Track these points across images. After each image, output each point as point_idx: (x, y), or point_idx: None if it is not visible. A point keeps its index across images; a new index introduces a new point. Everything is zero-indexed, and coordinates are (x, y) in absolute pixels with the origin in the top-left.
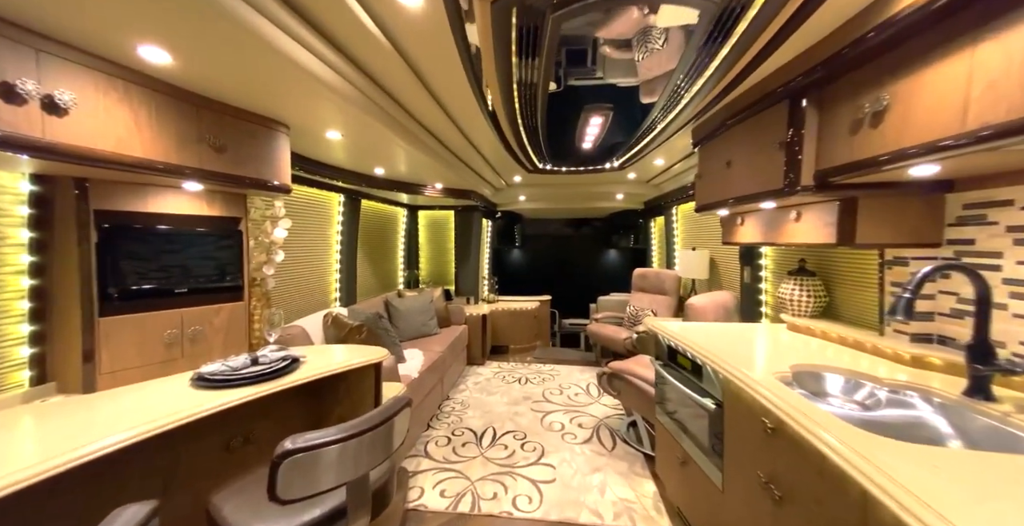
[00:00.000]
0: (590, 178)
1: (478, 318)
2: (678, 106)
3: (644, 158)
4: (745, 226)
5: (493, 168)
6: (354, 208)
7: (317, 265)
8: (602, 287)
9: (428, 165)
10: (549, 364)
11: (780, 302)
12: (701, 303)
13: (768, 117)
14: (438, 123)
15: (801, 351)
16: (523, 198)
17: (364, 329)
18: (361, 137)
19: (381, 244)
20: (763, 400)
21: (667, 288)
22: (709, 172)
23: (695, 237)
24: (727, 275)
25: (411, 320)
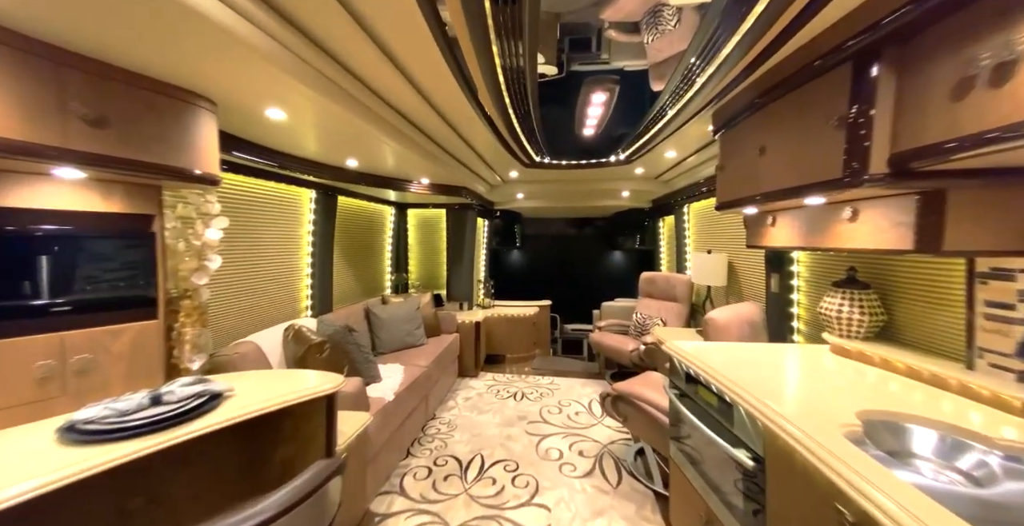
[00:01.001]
0: (593, 173)
1: (471, 326)
2: (693, 87)
3: (654, 150)
4: (778, 227)
5: (486, 162)
6: (329, 205)
7: (283, 270)
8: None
9: (409, 158)
10: (548, 376)
11: (824, 319)
12: (723, 318)
13: (818, 89)
14: (418, 111)
15: (858, 385)
16: (521, 196)
17: (326, 347)
18: (313, 119)
19: (365, 245)
20: (834, 476)
21: (678, 294)
22: (734, 162)
23: (709, 239)
24: (749, 283)
25: (394, 330)
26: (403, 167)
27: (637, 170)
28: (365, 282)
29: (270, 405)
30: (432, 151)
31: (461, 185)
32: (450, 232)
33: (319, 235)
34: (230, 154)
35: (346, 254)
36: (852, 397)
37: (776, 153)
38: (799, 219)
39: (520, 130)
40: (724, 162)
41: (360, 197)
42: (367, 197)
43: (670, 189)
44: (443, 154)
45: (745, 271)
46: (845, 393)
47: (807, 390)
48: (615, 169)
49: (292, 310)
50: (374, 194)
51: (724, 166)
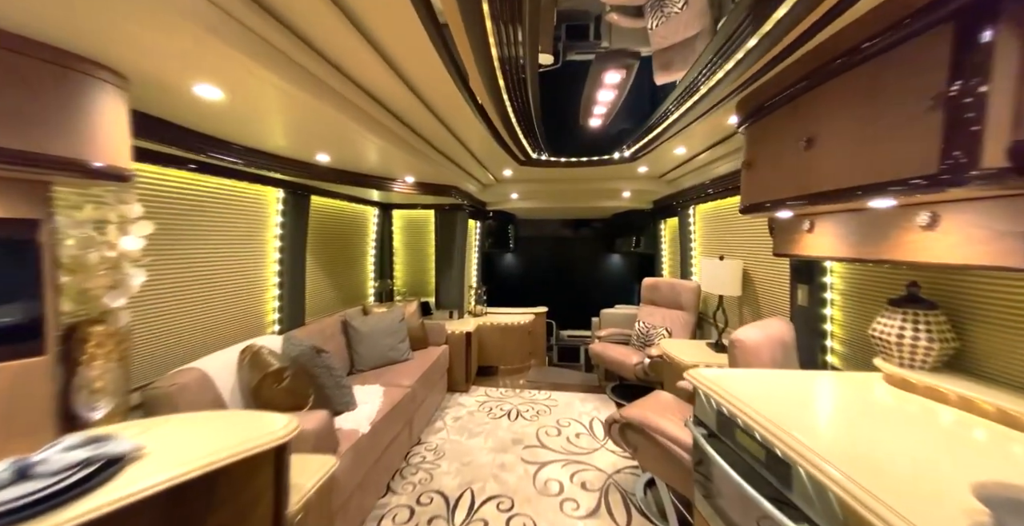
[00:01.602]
0: (593, 172)
1: (461, 337)
2: (719, 72)
3: (663, 146)
4: (817, 234)
5: (477, 159)
6: (300, 205)
7: (244, 280)
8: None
9: (391, 153)
10: (545, 390)
11: (880, 344)
12: (753, 340)
13: (899, 61)
14: (402, 102)
15: (948, 437)
16: (515, 196)
17: (286, 374)
18: (272, 105)
19: (344, 250)
20: None
21: (684, 302)
22: (766, 158)
23: (718, 243)
24: (768, 293)
25: (376, 344)
26: (384, 164)
27: (640, 168)
28: (344, 291)
29: (189, 471)
30: (418, 146)
31: (450, 184)
32: (439, 235)
33: (289, 240)
34: (163, 144)
35: (322, 260)
36: (947, 455)
37: (830, 145)
38: (848, 225)
39: (517, 124)
40: (752, 158)
41: (338, 197)
42: (346, 197)
43: (674, 189)
44: (430, 150)
45: (763, 280)
46: (936, 448)
47: (884, 444)
48: (617, 168)
49: (256, 326)
50: (353, 193)
51: (752, 162)
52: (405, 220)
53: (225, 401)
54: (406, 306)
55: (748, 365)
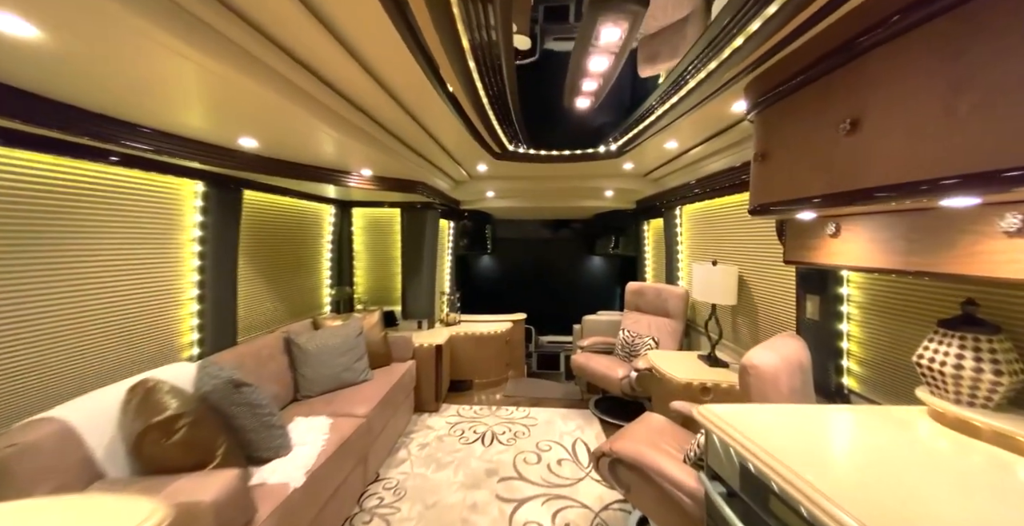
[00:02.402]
0: (575, 169)
1: (430, 350)
2: (728, 49)
3: (652, 139)
4: (845, 239)
5: (447, 151)
6: (228, 201)
7: (146, 294)
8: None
9: (341, 142)
10: (523, 406)
11: (930, 375)
12: (770, 365)
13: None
14: (354, 82)
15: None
16: (491, 194)
17: (182, 423)
18: (117, 46)
19: (293, 253)
20: None
21: (671, 309)
22: (787, 148)
23: (707, 247)
24: (768, 304)
25: (325, 365)
26: (333, 153)
27: (626, 165)
28: (292, 301)
29: None
30: (374, 134)
31: (416, 179)
32: (406, 236)
33: (213, 243)
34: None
35: (262, 266)
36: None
37: (886, 126)
38: (891, 229)
39: (491, 110)
40: (766, 148)
41: (282, 192)
42: (294, 192)
43: (659, 188)
44: (390, 139)
45: (763, 289)
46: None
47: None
48: (601, 164)
49: (165, 351)
50: (301, 188)
51: (766, 154)
52: (367, 219)
53: (99, 464)
54: (366, 317)
55: (764, 396)
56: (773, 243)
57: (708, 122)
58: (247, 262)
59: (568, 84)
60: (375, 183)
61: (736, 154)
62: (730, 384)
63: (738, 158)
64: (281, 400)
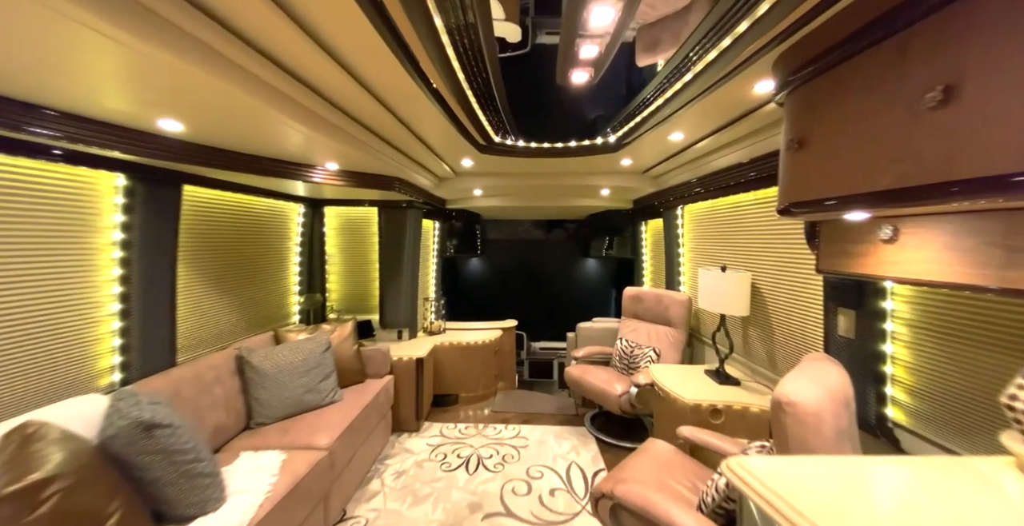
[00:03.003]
0: (569, 165)
1: (411, 364)
2: (731, 34)
3: (656, 130)
4: (905, 245)
5: (425, 143)
6: (161, 198)
7: (57, 308)
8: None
9: (292, 128)
10: (513, 424)
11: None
12: (812, 402)
13: None
14: (300, 55)
15: None
16: (478, 192)
17: (53, 490)
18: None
19: (254, 257)
20: None
21: (672, 318)
22: (835, 133)
23: (712, 250)
24: (786, 316)
25: (285, 386)
26: (286, 143)
27: (623, 161)
28: (252, 312)
29: None
30: (335, 121)
31: (392, 175)
32: (384, 237)
33: (141, 246)
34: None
35: (212, 272)
36: None
37: (1002, 94)
38: (980, 234)
39: (473, 97)
40: (805, 134)
41: (236, 188)
42: (253, 189)
43: (659, 187)
44: (356, 128)
45: (780, 299)
46: None
47: None
48: (596, 160)
49: (76, 379)
50: (258, 184)
51: (805, 141)
52: (342, 219)
53: None
54: (337, 329)
55: (805, 441)
56: (796, 248)
57: (721, 109)
58: (191, 269)
59: (561, 50)
60: (344, 178)
61: (749, 147)
62: (743, 405)
63: (751, 152)
64: (228, 431)
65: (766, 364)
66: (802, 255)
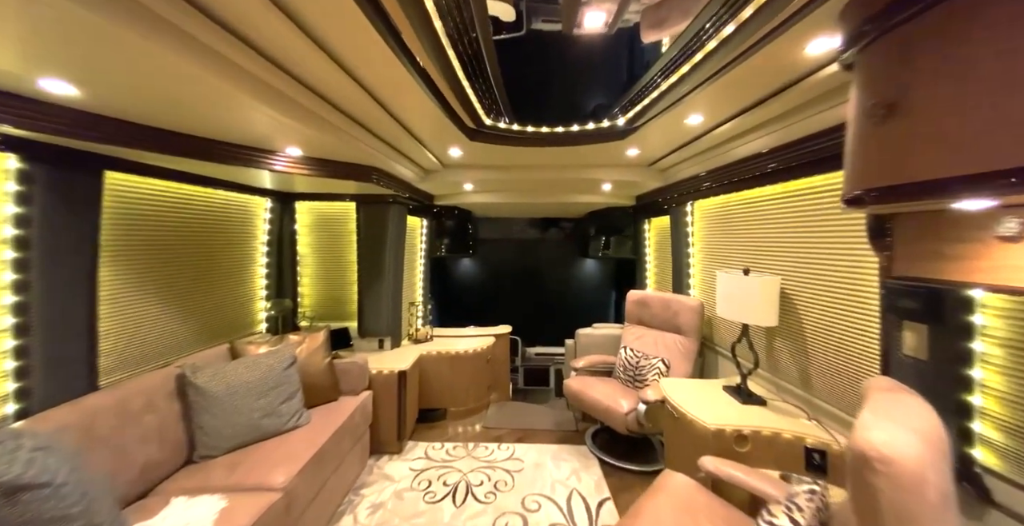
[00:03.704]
0: (568, 156)
1: (391, 378)
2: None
3: (671, 111)
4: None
5: (406, 128)
6: (73, 186)
7: None
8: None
9: (249, 106)
10: (507, 442)
11: None
12: (913, 458)
13: None
14: (246, 14)
15: None
16: (469, 186)
17: None
18: None
19: (209, 258)
20: None
21: (682, 325)
22: (952, 89)
23: (728, 251)
24: (824, 327)
25: (237, 411)
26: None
27: (630, 150)
28: (209, 321)
29: None
30: (301, 100)
31: (368, 164)
32: (364, 235)
33: (43, 246)
34: None
35: (158, 275)
36: None
37: None
38: None
39: (463, 74)
40: (900, 96)
41: (182, 178)
42: (206, 179)
43: (666, 181)
44: (327, 109)
45: (816, 307)
46: None
47: None
48: (600, 149)
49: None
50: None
51: (900, 105)
52: (315, 216)
53: None
54: (306, 340)
55: (907, 513)
56: (840, 248)
57: (754, 81)
58: (122, 272)
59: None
60: (312, 167)
61: (780, 131)
62: (773, 431)
63: (782, 136)
64: (163, 467)
65: (796, 381)
66: (849, 256)
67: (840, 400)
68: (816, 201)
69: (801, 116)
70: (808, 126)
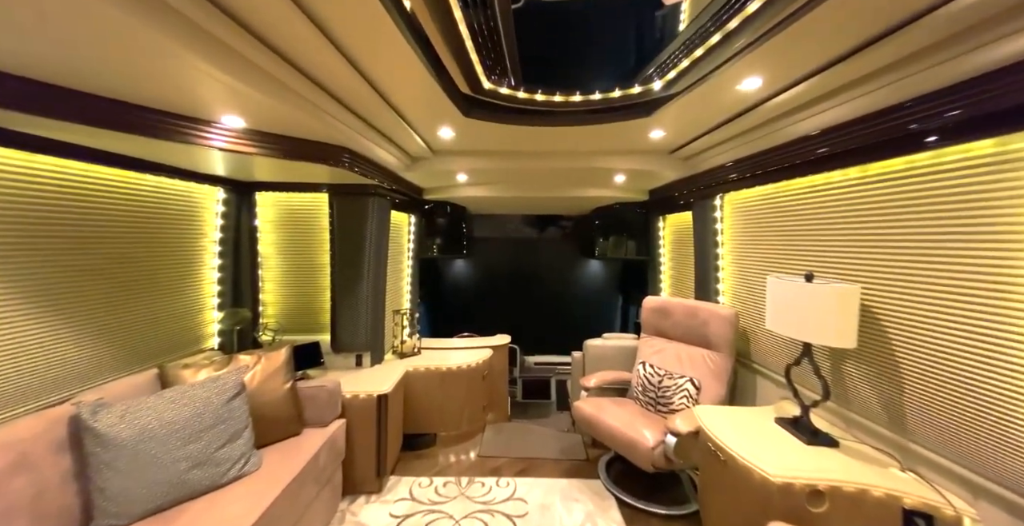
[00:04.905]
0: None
1: (369, 403)
2: None
3: (724, 71)
4: None
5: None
6: None
7: None
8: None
9: (159, 51)
10: (507, 477)
11: None
12: None
13: None
14: None
15: None
16: (463, 178)
17: None
18: None
19: (140, 260)
20: None
21: (713, 337)
22: None
23: (770, 251)
24: (929, 353)
25: (153, 464)
26: (139, 71)
27: (654, 132)
28: (134, 339)
29: None
30: (240, 48)
31: (337, 143)
32: (338, 232)
33: None
34: None
35: (57, 284)
36: None
37: None
38: None
39: (462, 20)
40: None
41: (97, 159)
42: (129, 161)
43: (689, 171)
44: (276, 63)
45: (919, 327)
46: None
47: None
48: (619, 131)
49: None
50: (142, 153)
51: None
52: (282, 209)
53: None
54: (261, 361)
55: None
56: (972, 250)
57: (856, 18)
58: (11, 280)
59: None
60: (260, 144)
61: (869, 96)
62: (858, 487)
63: (868, 103)
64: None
65: (879, 418)
66: (992, 263)
67: (955, 449)
68: (925, 187)
69: (911, 69)
70: (919, 84)
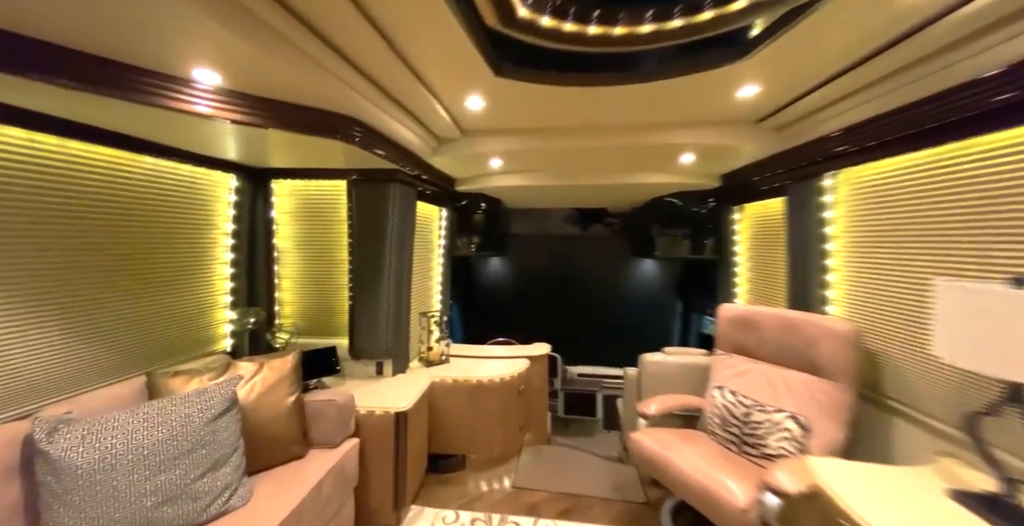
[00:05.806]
0: (641, 101)
1: (386, 421)
2: None
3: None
4: None
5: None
6: None
7: None
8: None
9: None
10: (547, 519)
11: None
12: None
13: None
14: None
15: None
16: (497, 163)
17: None
18: None
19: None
20: None
21: (823, 360)
22: None
23: (922, 247)
24: None
25: (116, 496)
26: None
27: (743, 89)
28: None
29: None
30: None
31: (342, 112)
32: (356, 224)
33: None
34: None
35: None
36: None
37: None
38: None
39: None
40: None
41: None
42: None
43: (782, 145)
44: None
45: None
46: None
47: None
48: (699, 85)
49: None
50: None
51: None
52: (300, 199)
53: None
54: (263, 370)
55: None
56: None
57: None
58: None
59: None
60: (248, 109)
61: None
62: None
63: None
64: None
65: None
66: None
67: None
68: None
69: None
70: None
